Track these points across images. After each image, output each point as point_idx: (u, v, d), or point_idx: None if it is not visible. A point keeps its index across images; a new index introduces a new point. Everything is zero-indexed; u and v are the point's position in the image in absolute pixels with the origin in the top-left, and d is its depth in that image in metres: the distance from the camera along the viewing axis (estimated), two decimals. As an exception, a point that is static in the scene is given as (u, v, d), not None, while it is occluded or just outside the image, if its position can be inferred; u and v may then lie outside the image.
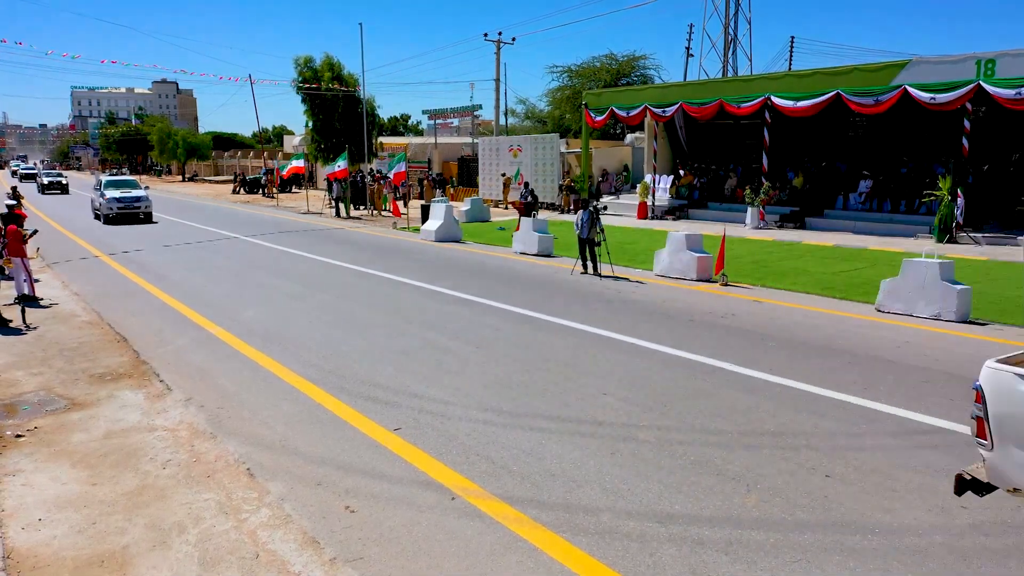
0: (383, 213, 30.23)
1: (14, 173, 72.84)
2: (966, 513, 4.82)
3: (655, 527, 4.71)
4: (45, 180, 49.64)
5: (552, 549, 4.47)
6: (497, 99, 43.33)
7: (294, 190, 46.75)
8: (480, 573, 4.26)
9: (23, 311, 10.95)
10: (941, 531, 4.60)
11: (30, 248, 13.12)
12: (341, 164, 28.24)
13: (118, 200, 26.19)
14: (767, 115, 22.83)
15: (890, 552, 4.36)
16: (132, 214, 26.41)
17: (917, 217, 20.24)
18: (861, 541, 4.50)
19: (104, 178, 28.69)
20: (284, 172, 34.45)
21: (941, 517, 4.78)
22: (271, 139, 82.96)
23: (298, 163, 32.61)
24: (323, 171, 42.51)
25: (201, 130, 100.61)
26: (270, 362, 8.60)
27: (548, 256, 17.54)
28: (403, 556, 4.44)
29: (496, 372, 8.07)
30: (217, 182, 64.60)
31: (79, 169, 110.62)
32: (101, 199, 26.66)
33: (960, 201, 18.33)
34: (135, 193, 27.03)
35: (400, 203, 29.46)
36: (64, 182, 50.04)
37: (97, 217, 27.77)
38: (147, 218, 26.74)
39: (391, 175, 27.35)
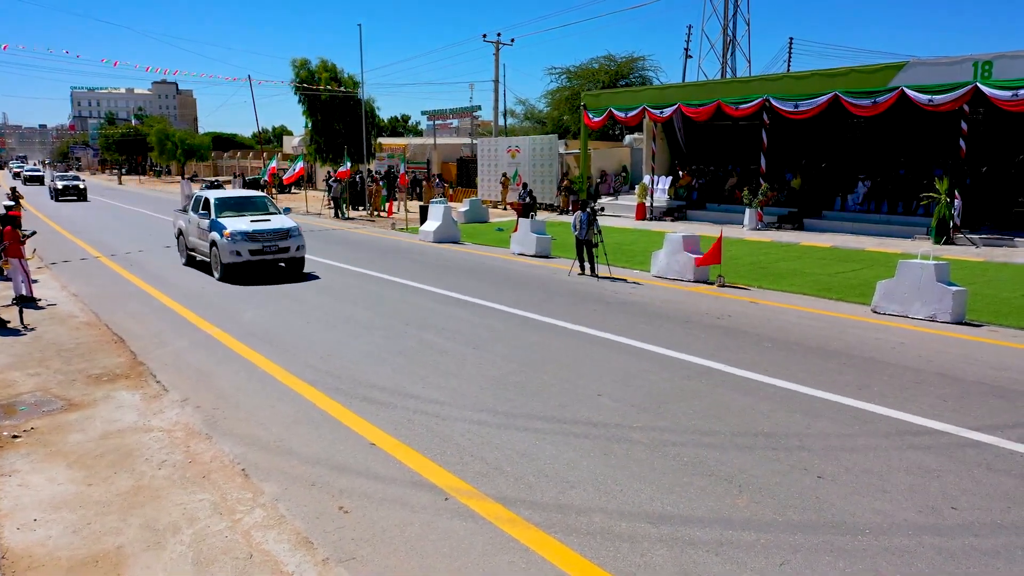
0: (382, 214, 30.29)
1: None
2: (956, 514, 4.85)
3: (647, 527, 4.74)
4: (59, 184, 41.81)
5: (544, 549, 4.50)
6: (496, 100, 43.43)
7: (293, 190, 46.78)
8: (472, 573, 4.28)
9: (21, 312, 10.98)
10: (931, 531, 4.63)
11: (27, 249, 13.15)
12: (346, 166, 28.64)
13: (249, 237, 14.18)
14: (765, 116, 22.87)
15: (880, 552, 4.39)
16: (273, 262, 14.70)
17: (915, 219, 20.27)
18: (851, 541, 4.52)
19: (212, 195, 15.90)
20: (287, 177, 34.67)
21: (931, 517, 4.81)
22: (271, 139, 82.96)
23: (299, 165, 32.68)
24: (322, 172, 42.64)
25: (201, 130, 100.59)
26: (267, 363, 8.62)
27: (546, 257, 17.57)
28: (395, 556, 4.47)
29: (492, 373, 8.09)
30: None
31: (79, 169, 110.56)
32: (214, 233, 14.56)
33: (957, 203, 18.36)
34: (277, 223, 14.89)
35: (400, 202, 29.56)
36: (82, 186, 42.69)
37: (192, 260, 16.43)
38: (298, 266, 15.09)
39: (401, 173, 27.42)
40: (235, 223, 14.58)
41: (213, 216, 15.02)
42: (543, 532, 4.69)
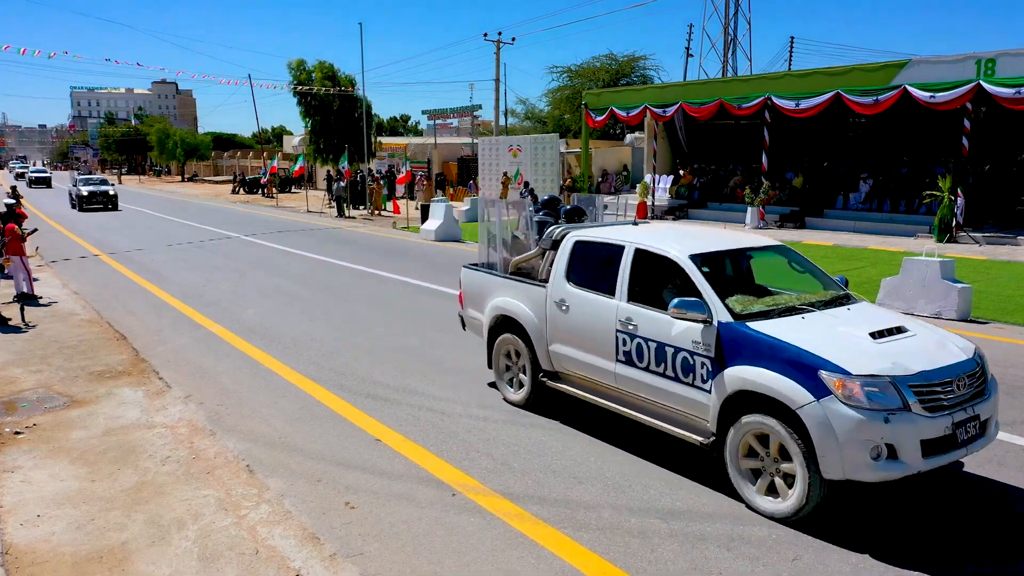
0: (383, 213, 30.26)
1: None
2: (969, 510, 4.80)
3: (656, 523, 4.69)
4: (84, 190, 33.62)
5: (553, 545, 4.45)
6: (497, 99, 43.33)
7: (293, 190, 46.75)
8: (480, 568, 4.24)
9: (22, 309, 10.93)
10: (943, 527, 4.58)
11: (28, 247, 13.11)
12: (345, 165, 28.76)
13: (928, 402, 4.31)
14: (767, 115, 22.82)
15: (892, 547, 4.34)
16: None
17: (917, 217, 20.22)
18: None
19: (681, 247, 5.39)
20: (292, 173, 34.93)
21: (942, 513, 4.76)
22: (271, 139, 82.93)
23: (299, 164, 32.74)
24: (322, 172, 42.62)
25: (201, 130, 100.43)
26: (270, 360, 8.58)
27: (548, 255, 17.49)
28: (403, 552, 4.42)
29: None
30: (217, 182, 64.58)
31: (79, 171, 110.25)
32: (777, 377, 4.47)
33: (960, 201, 18.31)
34: (951, 350, 4.73)
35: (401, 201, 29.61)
36: (112, 192, 34.22)
37: (539, 394, 6.60)
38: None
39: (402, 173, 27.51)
40: (837, 344, 4.66)
41: (722, 315, 4.98)
42: (552, 528, 4.65)
